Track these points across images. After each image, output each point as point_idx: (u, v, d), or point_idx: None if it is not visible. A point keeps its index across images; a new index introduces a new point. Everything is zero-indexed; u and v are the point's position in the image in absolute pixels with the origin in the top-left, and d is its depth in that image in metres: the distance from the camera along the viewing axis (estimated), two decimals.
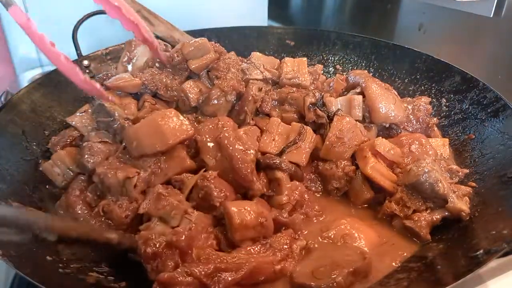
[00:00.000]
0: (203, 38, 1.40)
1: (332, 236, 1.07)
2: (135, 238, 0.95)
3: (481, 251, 0.88)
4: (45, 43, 1.03)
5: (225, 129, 1.12)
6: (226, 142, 1.09)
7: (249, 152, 1.10)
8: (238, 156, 1.07)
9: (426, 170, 1.05)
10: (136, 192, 1.09)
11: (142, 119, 1.17)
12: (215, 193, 1.02)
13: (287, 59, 1.48)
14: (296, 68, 1.45)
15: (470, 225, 1.04)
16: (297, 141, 1.17)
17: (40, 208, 1.15)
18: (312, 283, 0.90)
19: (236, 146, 1.09)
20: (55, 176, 1.25)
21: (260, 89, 1.32)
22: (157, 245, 0.91)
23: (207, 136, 1.14)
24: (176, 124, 1.12)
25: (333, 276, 0.90)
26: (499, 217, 1.01)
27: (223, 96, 1.30)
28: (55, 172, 1.25)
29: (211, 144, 1.13)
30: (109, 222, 1.09)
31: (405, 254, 1.04)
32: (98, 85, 1.11)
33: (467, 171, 1.24)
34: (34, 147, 1.32)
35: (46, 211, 1.15)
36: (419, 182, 1.06)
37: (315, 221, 1.14)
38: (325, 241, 1.07)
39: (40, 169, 1.27)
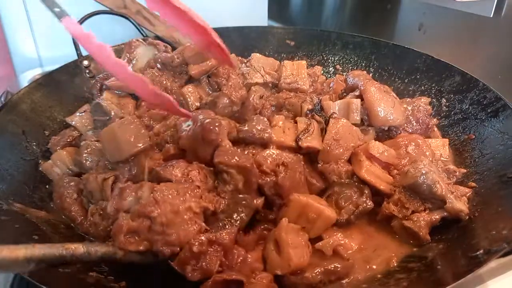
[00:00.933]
0: None
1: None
2: (110, 243, 0.90)
3: (481, 251, 0.88)
4: (106, 53, 0.92)
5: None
6: (200, 117, 1.10)
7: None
8: (208, 120, 1.08)
9: (424, 172, 1.05)
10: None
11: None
12: (164, 171, 1.02)
13: (286, 62, 1.48)
14: (296, 72, 1.44)
15: (470, 225, 1.04)
16: (309, 129, 1.18)
17: (40, 208, 1.15)
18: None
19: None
20: (55, 176, 1.25)
21: (261, 97, 1.32)
22: (202, 244, 0.89)
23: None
24: (133, 134, 1.10)
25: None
26: (499, 217, 1.01)
27: (230, 106, 1.28)
28: (55, 172, 1.25)
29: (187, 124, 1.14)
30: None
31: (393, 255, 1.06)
32: (171, 98, 1.00)
33: (465, 171, 1.24)
34: (34, 147, 1.32)
35: (47, 211, 1.15)
36: (417, 184, 1.06)
37: None
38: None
39: (40, 169, 1.27)
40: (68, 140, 1.32)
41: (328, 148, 1.16)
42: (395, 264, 1.02)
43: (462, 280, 0.81)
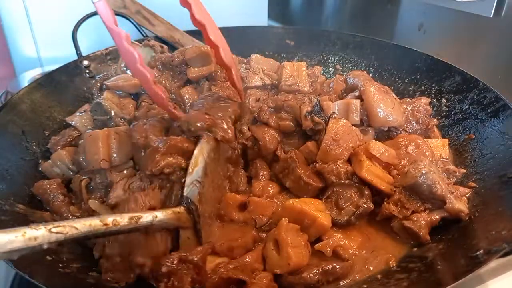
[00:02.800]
0: (207, 46, 1.37)
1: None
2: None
3: (481, 251, 0.88)
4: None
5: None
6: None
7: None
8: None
9: (424, 172, 1.05)
10: (93, 196, 1.13)
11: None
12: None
13: (286, 63, 1.47)
14: (296, 73, 1.44)
15: (470, 225, 1.04)
16: None
17: (40, 209, 1.15)
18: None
19: None
20: (55, 176, 1.25)
21: (257, 100, 1.32)
22: (173, 262, 0.89)
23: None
24: (94, 153, 1.14)
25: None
26: (499, 217, 1.01)
27: None
28: (55, 172, 1.25)
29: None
30: None
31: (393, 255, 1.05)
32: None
33: (464, 171, 1.24)
34: (34, 147, 1.32)
35: (47, 211, 1.15)
36: (417, 184, 1.05)
37: None
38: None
39: (40, 169, 1.27)
40: (68, 140, 1.32)
41: (327, 148, 1.16)
42: (395, 265, 1.02)
43: (462, 280, 0.81)
